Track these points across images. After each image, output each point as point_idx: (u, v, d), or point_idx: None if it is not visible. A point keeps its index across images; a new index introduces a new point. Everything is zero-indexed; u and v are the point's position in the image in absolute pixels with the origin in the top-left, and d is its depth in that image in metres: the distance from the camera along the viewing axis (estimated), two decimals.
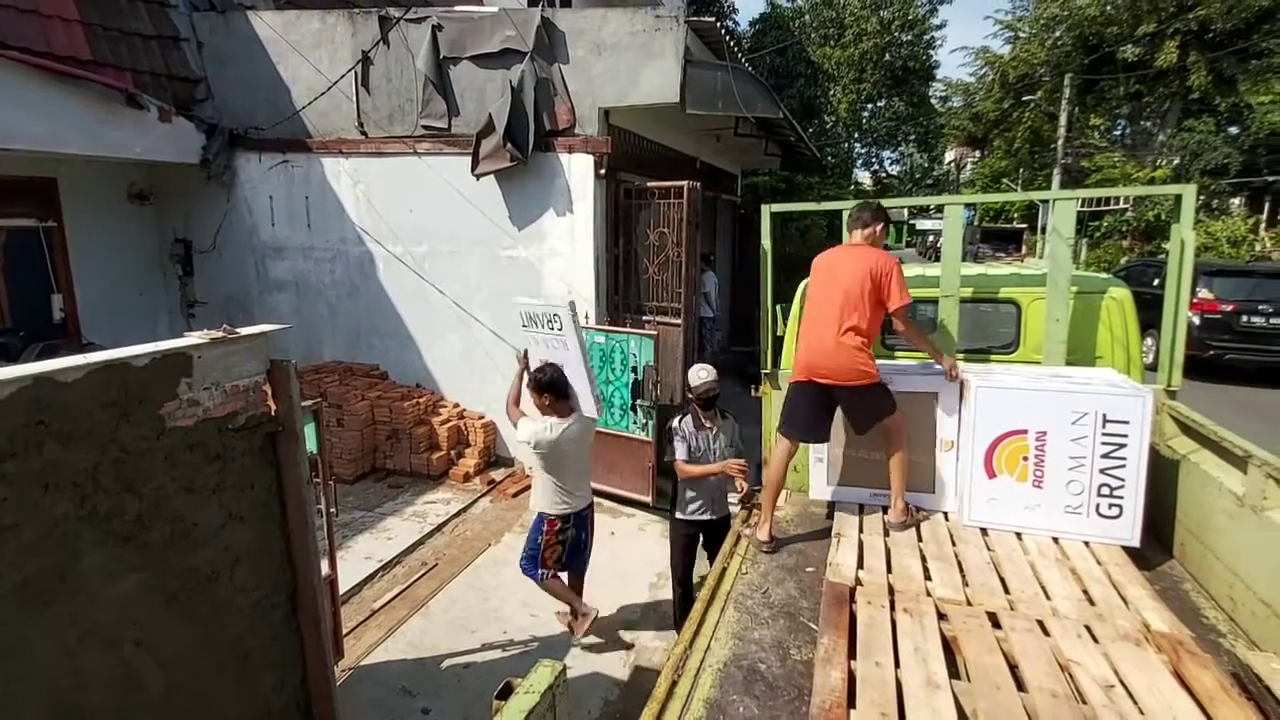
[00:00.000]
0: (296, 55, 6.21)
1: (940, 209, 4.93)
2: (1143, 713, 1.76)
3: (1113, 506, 2.76)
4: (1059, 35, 21.26)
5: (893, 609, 2.29)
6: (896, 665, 1.98)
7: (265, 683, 2.47)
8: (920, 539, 2.90)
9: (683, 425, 3.50)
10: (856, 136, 26.27)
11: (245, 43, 6.34)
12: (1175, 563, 2.82)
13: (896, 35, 24.11)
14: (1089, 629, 2.15)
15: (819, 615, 2.31)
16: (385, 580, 4.41)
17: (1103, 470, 2.76)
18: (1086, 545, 2.76)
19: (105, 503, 1.90)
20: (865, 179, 30.05)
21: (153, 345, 2.07)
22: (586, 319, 5.80)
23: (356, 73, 6.06)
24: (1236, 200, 18.76)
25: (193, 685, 2.18)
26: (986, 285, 3.70)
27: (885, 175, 29.68)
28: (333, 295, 6.68)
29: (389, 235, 6.36)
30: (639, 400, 5.40)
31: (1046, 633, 2.15)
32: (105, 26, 5.78)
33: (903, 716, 1.77)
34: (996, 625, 2.19)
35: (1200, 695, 1.83)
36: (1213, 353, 9.68)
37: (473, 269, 6.16)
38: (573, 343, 3.44)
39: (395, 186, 6.24)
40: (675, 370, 5.64)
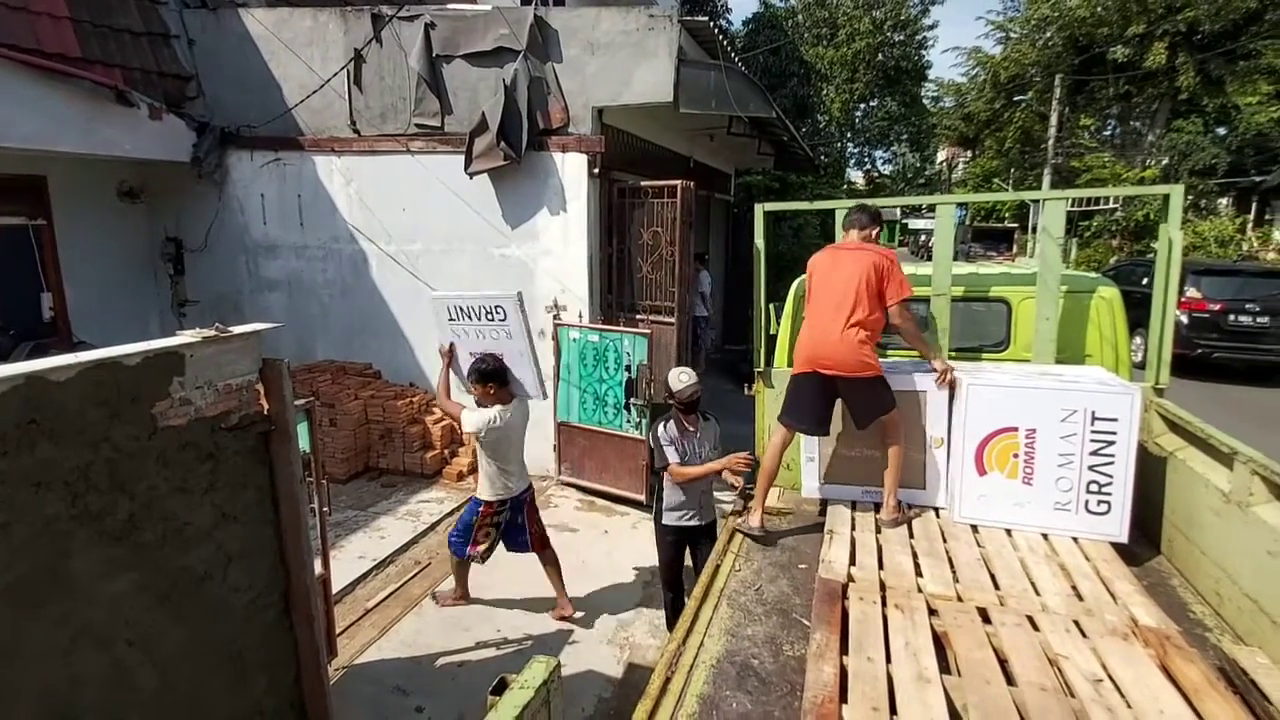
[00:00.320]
0: (288, 53, 6.18)
1: (932, 208, 4.96)
2: (1130, 706, 1.79)
3: (1101, 503, 2.79)
4: (1050, 36, 21.38)
5: (884, 605, 2.31)
6: (888, 660, 2.00)
7: (258, 682, 2.46)
8: (912, 536, 2.92)
9: (667, 430, 3.43)
10: (849, 136, 26.32)
11: (237, 40, 6.30)
12: (1163, 559, 2.86)
13: (889, 35, 24.17)
14: (1077, 624, 2.18)
15: (811, 611, 2.33)
16: (379, 579, 4.40)
17: (1091, 467, 2.79)
18: (1075, 541, 2.79)
19: (97, 502, 1.89)
20: (858, 179, 30.13)
21: (145, 344, 2.06)
22: (580, 318, 5.81)
23: (349, 71, 6.04)
24: (1224, 200, 18.93)
25: (186, 685, 2.18)
26: (977, 284, 3.73)
27: (878, 175, 29.75)
28: (325, 294, 6.65)
29: (382, 234, 6.34)
30: (632, 399, 5.41)
31: (1036, 628, 2.17)
32: (95, 23, 5.73)
33: (894, 711, 1.79)
34: (986, 620, 2.22)
35: (1187, 689, 1.85)
36: (1201, 351, 9.79)
37: (466, 268, 6.15)
38: (518, 332, 3.60)
39: (388, 185, 6.22)
40: (669, 369, 5.64)
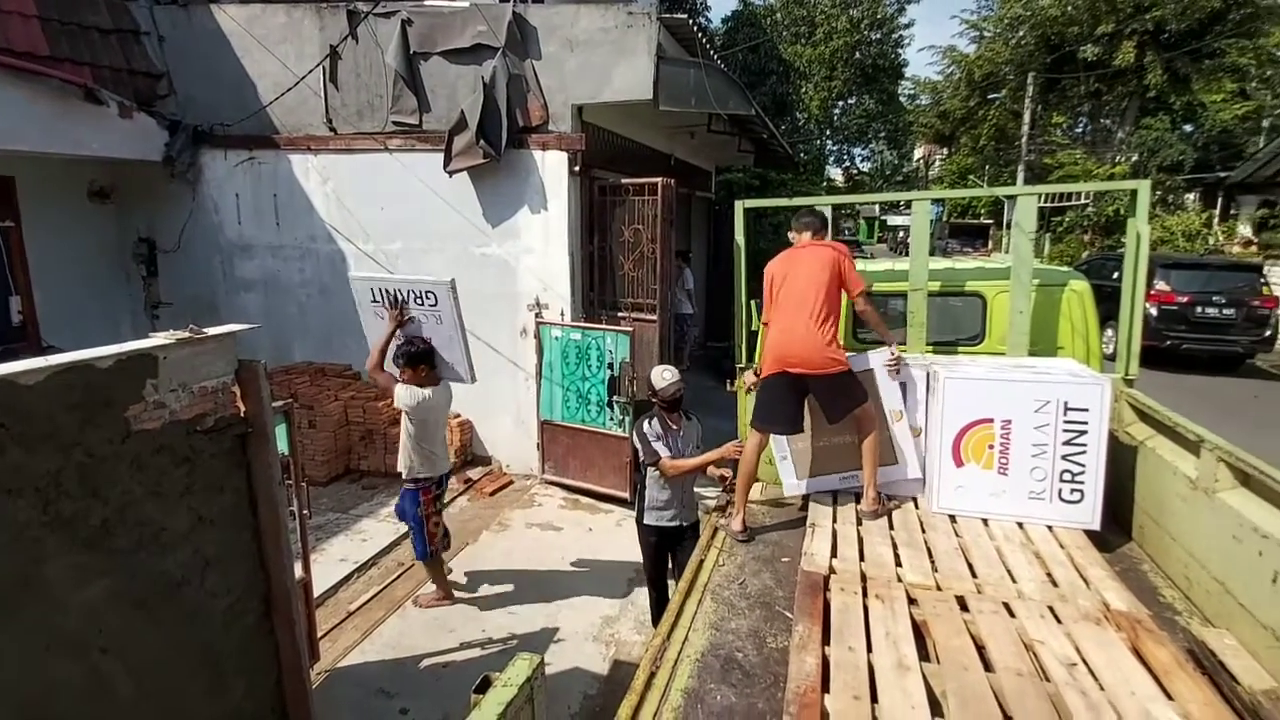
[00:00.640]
0: (262, 50, 6.08)
1: (909, 204, 5.03)
2: (1103, 689, 1.84)
3: (1074, 492, 2.85)
4: (1022, 35, 21.72)
5: (865, 595, 2.35)
6: (869, 650, 2.03)
7: (238, 688, 2.43)
8: (892, 527, 2.97)
9: (652, 427, 3.40)
10: (828, 134, 26.53)
11: (209, 37, 6.19)
12: (1134, 544, 2.93)
13: (866, 34, 24.40)
14: (1052, 610, 2.23)
15: (794, 604, 2.35)
16: (361, 582, 4.36)
17: (1064, 457, 2.85)
18: (1050, 529, 2.85)
19: (69, 508, 1.85)
20: (837, 176, 30.38)
21: (117, 347, 2.02)
22: (563, 316, 5.80)
23: (324, 68, 5.96)
24: (1191, 195, 19.36)
25: (164, 692, 2.15)
26: (953, 279, 3.79)
27: (857, 172, 30.03)
28: (303, 294, 6.56)
29: (360, 233, 6.27)
30: (615, 396, 5.41)
31: (1012, 614, 2.22)
32: (63, 21, 5.60)
33: (875, 699, 1.82)
34: (964, 608, 2.26)
35: (1157, 670, 1.91)
36: (1170, 343, 10.02)
37: (446, 267, 6.07)
38: (449, 318, 3.67)
39: (366, 183, 6.15)
40: (651, 366, 5.66)
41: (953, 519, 3.00)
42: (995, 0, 23.01)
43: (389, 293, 3.77)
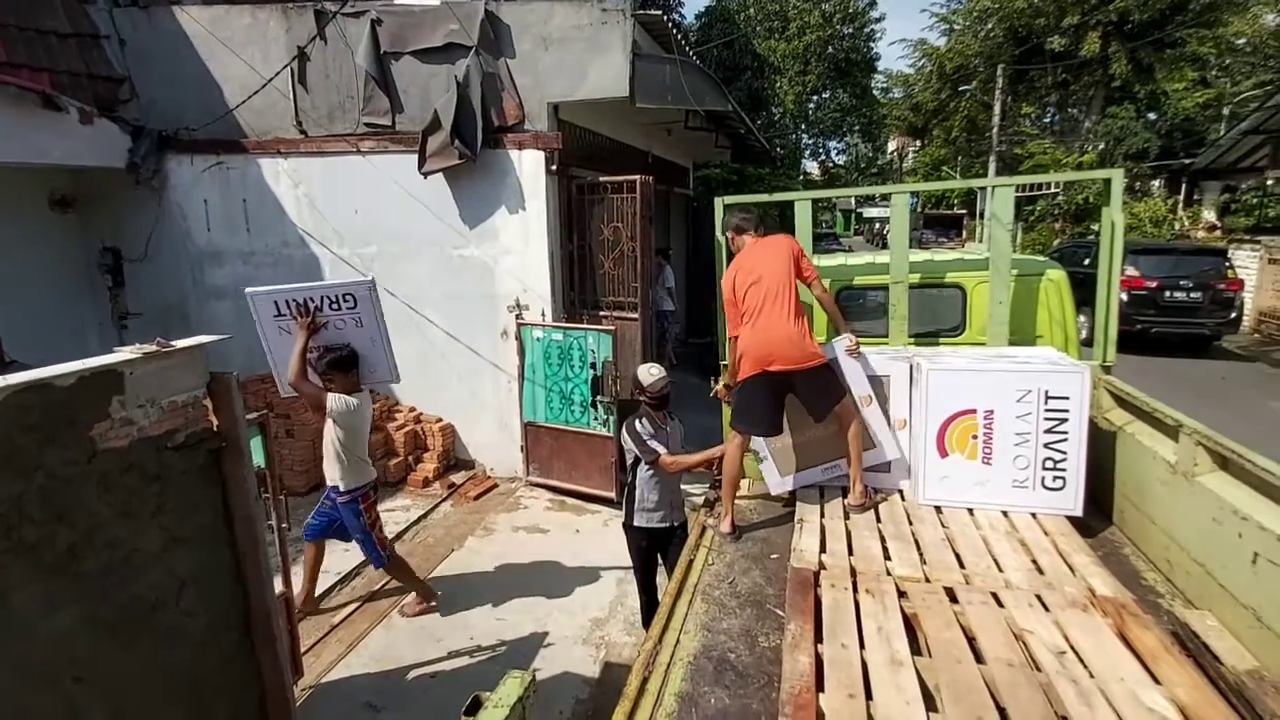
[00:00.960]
0: (227, 52, 5.93)
1: (886, 197, 5.05)
2: (1093, 676, 1.85)
3: (1057, 479, 2.88)
4: (991, 27, 22.05)
5: (855, 590, 2.34)
6: (861, 646, 2.03)
7: (219, 710, 2.37)
8: (879, 520, 2.97)
9: (644, 425, 3.37)
10: (804, 128, 26.72)
11: (171, 39, 6.02)
12: (1115, 529, 2.97)
13: (838, 28, 24.59)
14: (1039, 598, 2.24)
15: (785, 601, 2.34)
16: (344, 593, 4.28)
17: (1046, 445, 2.87)
18: (1034, 517, 2.88)
19: (33, 533, 1.78)
20: (814, 169, 30.59)
21: (79, 363, 1.94)
22: (543, 316, 5.74)
23: (292, 69, 5.83)
24: (1157, 182, 19.81)
25: (141, 718, 2.08)
26: (933, 271, 3.81)
27: (832, 165, 30.27)
28: None
29: (334, 237, 6.15)
30: (599, 396, 5.38)
31: (1001, 604, 2.23)
32: (20, 26, 5.41)
33: (870, 696, 1.81)
34: (954, 600, 2.27)
35: (1144, 655, 1.92)
36: (1140, 327, 10.23)
37: (424, 270, 6.02)
38: (370, 319, 3.61)
39: (339, 186, 6.03)
40: (634, 365, 5.62)
41: (939, 510, 3.01)
42: None
43: (298, 303, 3.58)
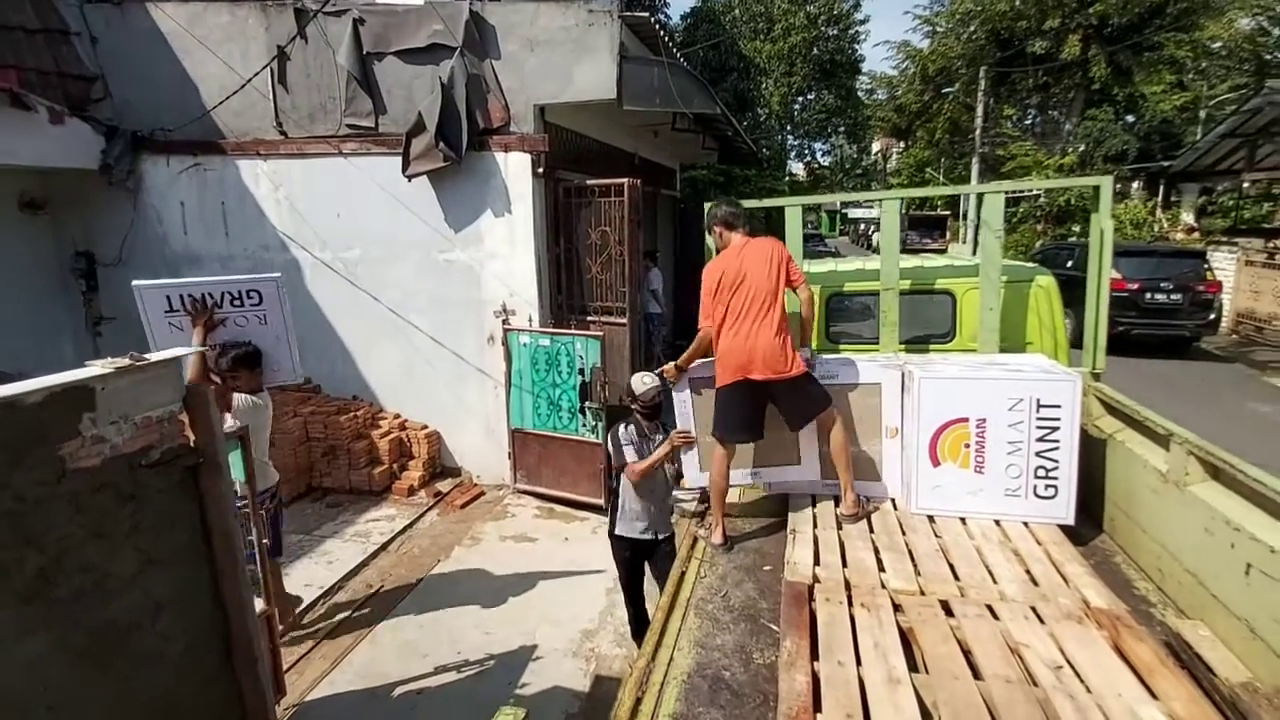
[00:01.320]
0: (204, 50, 5.80)
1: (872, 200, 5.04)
2: (1090, 691, 1.83)
3: (1049, 487, 2.87)
4: (973, 30, 22.28)
5: (851, 604, 2.31)
6: (858, 663, 1.99)
7: None
8: (872, 530, 2.95)
9: (628, 432, 3.38)
10: (789, 129, 26.80)
11: (145, 37, 5.88)
12: (1106, 536, 2.97)
13: (823, 29, 24.69)
14: (1035, 610, 2.23)
15: (779, 616, 2.31)
16: (328, 607, 4.19)
17: (1038, 453, 2.87)
18: (1026, 526, 2.87)
19: (1, 558, 1.70)
20: (799, 170, 30.72)
21: (47, 379, 1.86)
22: (531, 322, 5.68)
23: (272, 69, 5.71)
24: (1136, 184, 20.11)
25: None
26: (923, 277, 3.80)
27: (818, 166, 30.41)
28: None
29: (315, 241, 6.04)
30: (587, 402, 5.33)
31: (996, 616, 2.21)
32: None
33: (867, 715, 1.78)
34: (949, 613, 2.24)
35: (1140, 668, 1.91)
36: (1121, 328, 10.33)
37: (409, 274, 5.92)
38: (276, 317, 3.53)
39: (320, 189, 5.92)
40: (623, 370, 5.58)
41: (931, 519, 3.00)
42: None
43: (194, 298, 3.40)
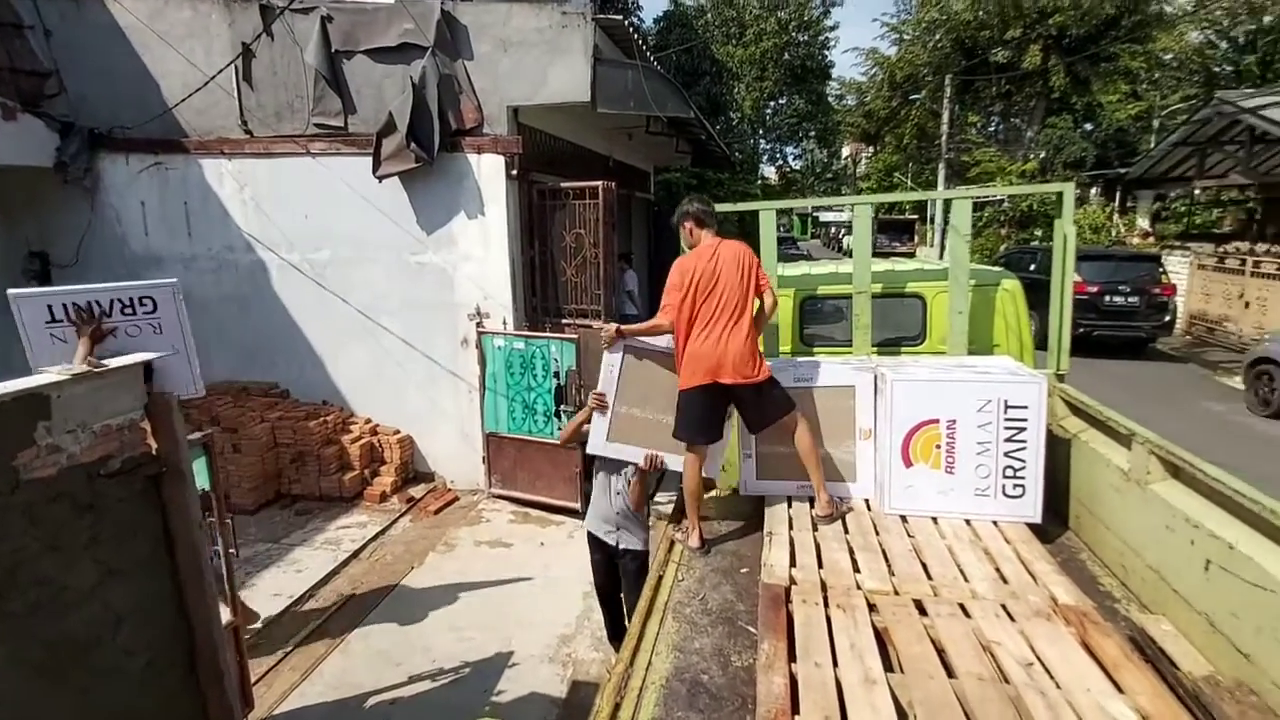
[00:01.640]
0: (165, 46, 5.64)
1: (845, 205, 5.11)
2: (1060, 687, 1.87)
3: (1017, 487, 2.94)
4: (939, 39, 22.78)
5: (827, 606, 2.33)
6: (835, 664, 2.01)
7: None
8: (847, 531, 2.98)
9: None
10: (761, 133, 27.05)
11: (103, 32, 5.69)
12: (1072, 534, 3.05)
13: (794, 35, 24.97)
14: (1005, 608, 2.27)
15: (757, 618, 2.32)
16: (297, 617, 4.09)
17: (1006, 453, 2.93)
18: (996, 525, 2.93)
19: None
20: (771, 174, 31.03)
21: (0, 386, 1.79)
22: (505, 325, 5.63)
23: (237, 66, 5.58)
24: (1094, 190, 20.77)
25: None
26: (894, 281, 3.87)
27: (789, 170, 30.75)
28: (221, 310, 6.12)
29: (283, 242, 5.91)
30: (563, 406, 5.30)
31: (968, 615, 2.25)
32: None
33: (844, 716, 1.80)
34: (923, 612, 2.28)
35: (1106, 663, 1.96)
36: (1082, 330, 10.65)
37: (380, 276, 5.83)
38: (171, 325, 3.28)
39: (287, 189, 5.80)
40: (598, 373, 5.56)
41: (904, 519, 3.04)
42: (914, 3, 24.03)
43: (78, 306, 3.03)
